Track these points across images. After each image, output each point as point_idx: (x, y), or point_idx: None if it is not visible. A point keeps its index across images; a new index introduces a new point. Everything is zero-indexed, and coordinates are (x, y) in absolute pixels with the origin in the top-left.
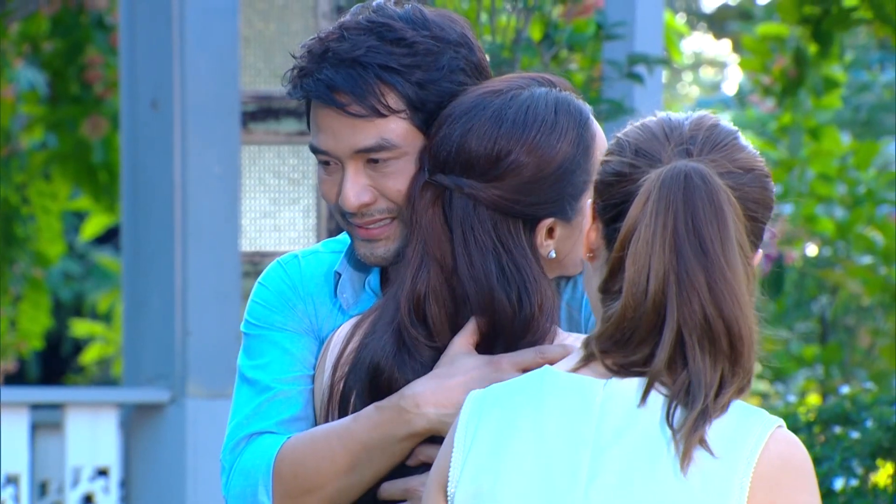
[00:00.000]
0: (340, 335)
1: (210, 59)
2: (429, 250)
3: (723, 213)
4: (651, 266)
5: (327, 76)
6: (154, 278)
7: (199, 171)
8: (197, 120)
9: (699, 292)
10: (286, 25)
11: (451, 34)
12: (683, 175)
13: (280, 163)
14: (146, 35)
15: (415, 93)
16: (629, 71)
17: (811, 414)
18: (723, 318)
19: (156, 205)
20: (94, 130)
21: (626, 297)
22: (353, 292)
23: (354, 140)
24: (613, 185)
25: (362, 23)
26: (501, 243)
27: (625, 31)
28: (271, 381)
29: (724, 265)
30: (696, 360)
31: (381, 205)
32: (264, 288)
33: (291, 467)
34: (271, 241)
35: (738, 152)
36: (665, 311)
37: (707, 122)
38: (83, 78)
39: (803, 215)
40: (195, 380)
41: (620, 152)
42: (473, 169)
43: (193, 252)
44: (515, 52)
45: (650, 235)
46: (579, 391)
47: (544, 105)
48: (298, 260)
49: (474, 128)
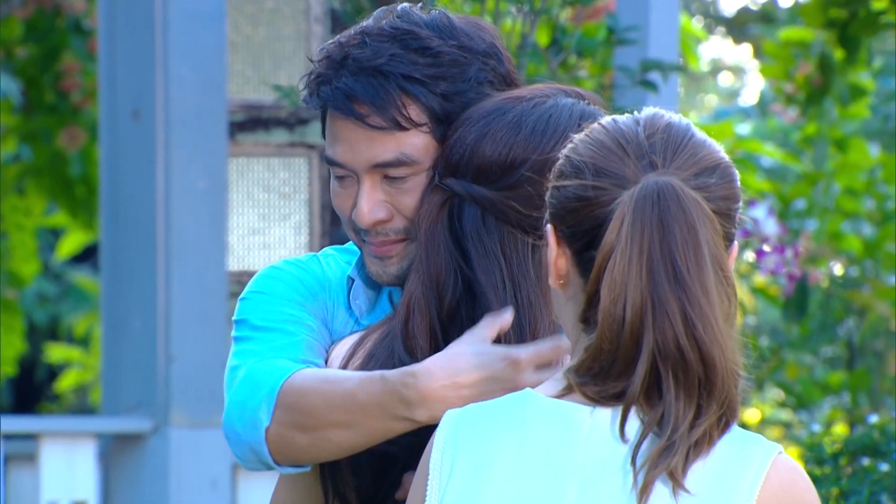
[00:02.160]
0: (340, 351)
1: (195, 65)
2: (423, 260)
3: (696, 234)
4: (627, 294)
5: (346, 84)
6: (135, 300)
7: (183, 185)
8: (181, 131)
9: (672, 320)
10: (276, 30)
11: (480, 44)
12: (656, 194)
13: (270, 176)
14: (127, 40)
15: (439, 105)
16: (642, 78)
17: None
18: (697, 348)
19: (137, 221)
20: (71, 142)
21: (602, 327)
22: (367, 300)
23: (372, 153)
24: (578, 211)
25: (385, 29)
26: (505, 258)
27: (638, 36)
28: (292, 328)
29: (699, 291)
30: (669, 390)
31: (396, 223)
32: (280, 270)
33: (295, 398)
34: (260, 260)
35: (699, 150)
36: (642, 341)
37: (658, 122)
38: (59, 86)
39: (829, 232)
40: (179, 408)
41: (578, 174)
42: (486, 175)
43: (177, 271)
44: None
45: (626, 262)
46: (564, 418)
47: (568, 116)
48: (318, 259)
49: (491, 132)
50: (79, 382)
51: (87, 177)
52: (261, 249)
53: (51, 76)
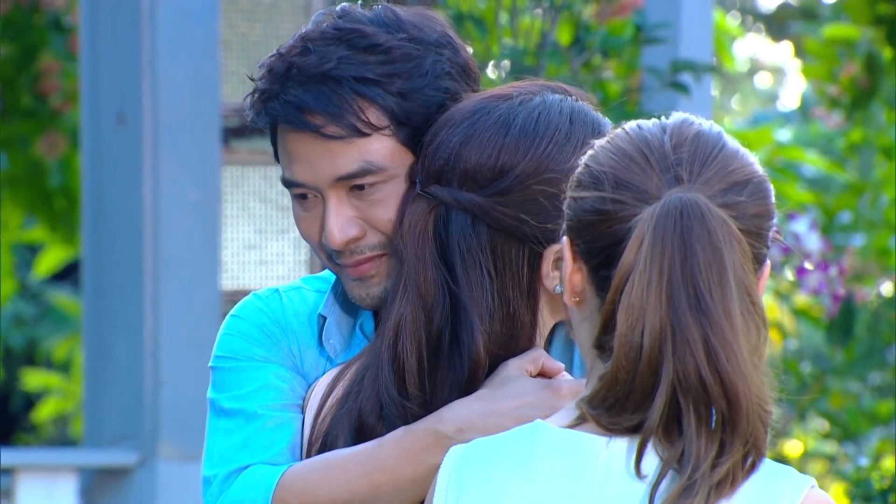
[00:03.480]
0: (320, 389)
1: (186, 65)
2: (410, 277)
3: (721, 256)
4: (645, 320)
5: (295, 96)
6: (120, 321)
7: (172, 196)
8: (170, 137)
9: (693, 350)
10: (274, 27)
11: (431, 34)
12: (679, 212)
13: (267, 186)
14: (111, 38)
15: (397, 105)
16: (673, 80)
17: (886, 480)
18: (720, 380)
19: (122, 236)
20: (51, 150)
21: (618, 355)
22: (342, 338)
23: (334, 167)
24: (595, 226)
25: (328, 31)
26: (496, 269)
27: (668, 34)
28: (259, 408)
29: (722, 318)
30: (690, 425)
31: (370, 239)
32: (241, 319)
33: (300, 497)
34: (256, 278)
35: (730, 162)
36: (661, 371)
37: (687, 131)
38: (37, 88)
39: (876, 248)
40: (168, 439)
41: (597, 185)
42: (474, 181)
43: (166, 290)
44: (540, 59)
45: (645, 285)
46: (578, 451)
47: (558, 113)
48: (280, 294)
49: (476, 134)
50: (58, 412)
51: (68, 187)
52: (257, 266)
53: (28, 78)
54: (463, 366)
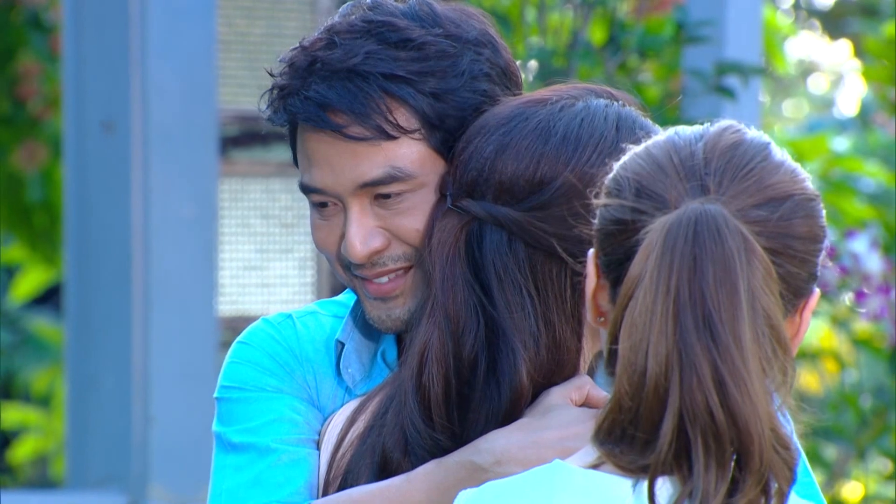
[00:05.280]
0: (338, 422)
1: (179, 68)
2: (438, 299)
3: (733, 275)
4: (650, 341)
5: (317, 92)
6: (106, 351)
7: (164, 212)
8: (162, 146)
9: (701, 377)
10: (277, 26)
11: (469, 31)
12: (693, 224)
13: (269, 201)
14: (97, 38)
15: (430, 106)
16: (718, 83)
17: None
18: (729, 411)
19: (109, 256)
20: (30, 160)
21: (620, 379)
22: (361, 366)
23: (357, 172)
24: (614, 237)
25: (357, 24)
26: (537, 291)
27: (712, 33)
28: (273, 442)
29: (731, 343)
30: (698, 458)
31: (395, 250)
32: (250, 347)
33: None
34: (257, 302)
35: (771, 175)
36: (667, 398)
37: (725, 138)
38: (15, 93)
39: None
40: (158, 481)
41: (620, 193)
42: (511, 194)
43: (157, 317)
44: (571, 60)
45: (650, 303)
46: (601, 494)
47: (603, 119)
48: (293, 320)
49: (513, 142)
50: (38, 451)
51: (49, 202)
52: (258, 289)
53: (5, 81)
54: (501, 396)
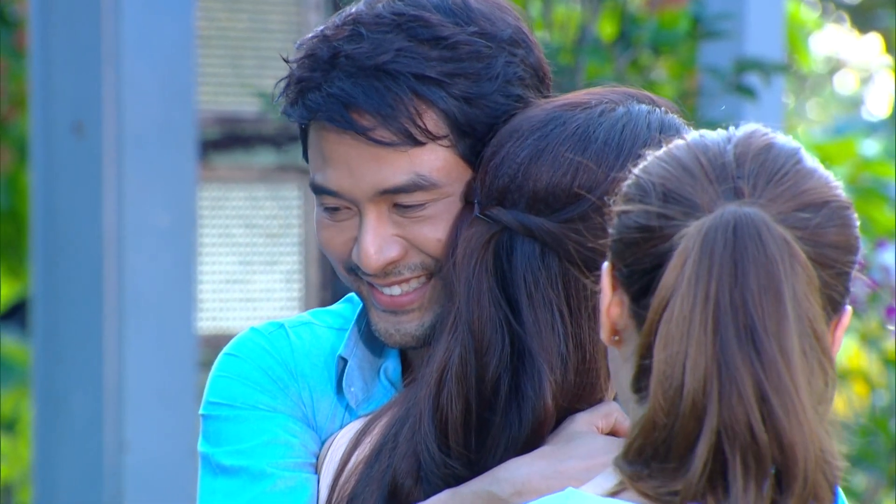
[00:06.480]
0: (340, 445)
1: (155, 65)
2: (462, 314)
3: (777, 282)
4: (687, 353)
5: (341, 89)
6: (76, 370)
7: (139, 220)
8: (137, 150)
9: (742, 392)
10: (261, 20)
11: (504, 29)
12: (732, 227)
13: (252, 209)
14: (66, 33)
15: (460, 110)
16: (737, 82)
17: None
18: (773, 429)
19: (79, 268)
20: None
21: (655, 395)
22: (365, 385)
23: (379, 177)
24: (639, 245)
25: (384, 16)
26: (569, 309)
27: (731, 27)
28: (267, 466)
29: (777, 356)
30: (736, 479)
31: (412, 259)
32: (239, 360)
33: None
34: (240, 319)
35: (805, 180)
36: (705, 416)
37: (755, 141)
38: None
39: None
40: None
41: (643, 198)
42: (545, 203)
43: (132, 334)
44: (579, 56)
45: (687, 312)
46: None
47: (646, 126)
48: (286, 330)
49: (549, 148)
50: (2, 479)
51: (15, 210)
52: (240, 304)
53: None
54: (523, 421)
